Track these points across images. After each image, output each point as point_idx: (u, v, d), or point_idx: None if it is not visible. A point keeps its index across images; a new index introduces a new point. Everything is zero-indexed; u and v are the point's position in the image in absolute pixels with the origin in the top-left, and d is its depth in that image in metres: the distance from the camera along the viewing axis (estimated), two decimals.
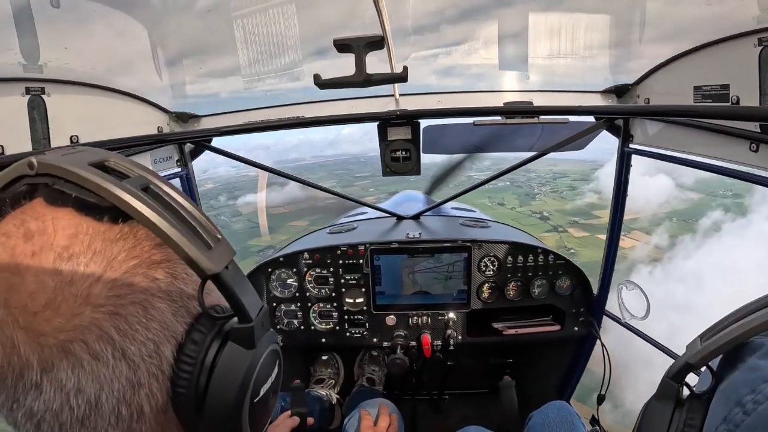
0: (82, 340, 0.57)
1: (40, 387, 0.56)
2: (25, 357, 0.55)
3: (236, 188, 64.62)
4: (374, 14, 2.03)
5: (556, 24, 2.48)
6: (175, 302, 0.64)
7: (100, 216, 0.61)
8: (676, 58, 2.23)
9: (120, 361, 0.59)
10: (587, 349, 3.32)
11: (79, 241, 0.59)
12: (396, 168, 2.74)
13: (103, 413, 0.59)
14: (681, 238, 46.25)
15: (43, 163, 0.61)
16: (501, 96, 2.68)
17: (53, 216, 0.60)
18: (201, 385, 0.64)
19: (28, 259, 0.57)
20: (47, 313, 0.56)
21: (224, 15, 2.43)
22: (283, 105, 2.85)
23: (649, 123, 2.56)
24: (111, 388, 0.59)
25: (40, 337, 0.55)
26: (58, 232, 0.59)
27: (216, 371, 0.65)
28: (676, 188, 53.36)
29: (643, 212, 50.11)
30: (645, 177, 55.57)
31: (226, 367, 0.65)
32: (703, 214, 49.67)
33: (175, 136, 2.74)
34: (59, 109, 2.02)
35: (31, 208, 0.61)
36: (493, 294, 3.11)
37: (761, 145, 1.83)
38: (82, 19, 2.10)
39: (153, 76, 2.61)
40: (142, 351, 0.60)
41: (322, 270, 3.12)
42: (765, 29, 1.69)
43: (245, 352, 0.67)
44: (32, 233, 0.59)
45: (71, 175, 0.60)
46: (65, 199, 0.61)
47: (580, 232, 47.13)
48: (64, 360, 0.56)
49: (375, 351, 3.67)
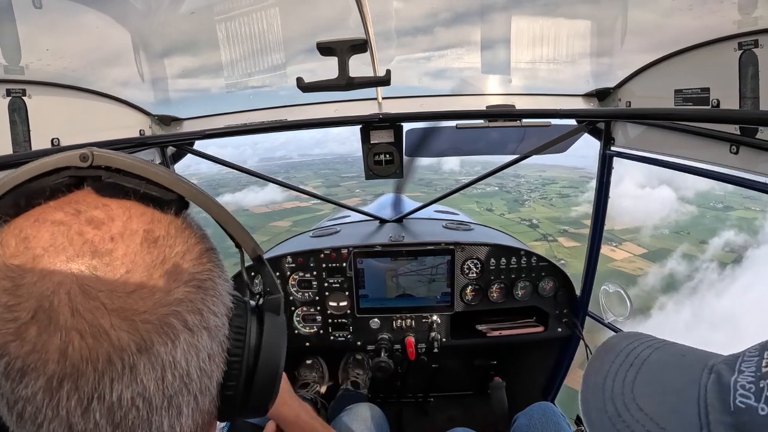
0: (179, 312, 0.60)
1: (135, 369, 0.56)
2: (118, 340, 0.55)
3: (220, 185, 64.36)
4: (358, 18, 2.04)
5: (539, 28, 2.50)
6: (225, 281, 0.72)
7: (164, 208, 0.66)
8: (657, 62, 2.25)
9: (204, 332, 0.63)
10: (571, 350, 3.34)
11: (157, 227, 0.63)
12: (379, 171, 2.75)
13: (192, 387, 0.62)
14: (676, 248, 46.81)
15: (102, 155, 0.63)
16: (484, 99, 2.69)
17: (119, 206, 0.62)
18: (252, 352, 0.73)
19: (110, 243, 0.58)
20: (144, 291, 0.57)
21: (207, 17, 2.41)
22: (267, 108, 2.84)
23: (631, 126, 2.59)
24: (198, 359, 0.62)
25: (137, 315, 0.56)
26: (134, 219, 0.62)
27: (264, 341, 0.75)
28: (659, 199, 53.95)
29: (635, 223, 50.54)
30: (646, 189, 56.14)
31: (269, 336, 0.76)
32: (699, 224, 50.28)
33: (157, 139, 2.71)
34: (40, 111, 2.00)
35: (81, 199, 0.62)
36: (476, 296, 3.12)
37: (741, 147, 1.86)
38: (65, 21, 2.08)
39: (135, 78, 2.59)
40: (217, 322, 0.66)
41: (305, 274, 3.11)
42: (745, 34, 1.71)
43: (278, 319, 0.79)
44: (101, 220, 0.60)
45: (137, 169, 0.64)
46: (125, 191, 0.64)
47: (570, 242, 47.40)
48: (162, 335, 0.58)
49: (359, 354, 3.67)
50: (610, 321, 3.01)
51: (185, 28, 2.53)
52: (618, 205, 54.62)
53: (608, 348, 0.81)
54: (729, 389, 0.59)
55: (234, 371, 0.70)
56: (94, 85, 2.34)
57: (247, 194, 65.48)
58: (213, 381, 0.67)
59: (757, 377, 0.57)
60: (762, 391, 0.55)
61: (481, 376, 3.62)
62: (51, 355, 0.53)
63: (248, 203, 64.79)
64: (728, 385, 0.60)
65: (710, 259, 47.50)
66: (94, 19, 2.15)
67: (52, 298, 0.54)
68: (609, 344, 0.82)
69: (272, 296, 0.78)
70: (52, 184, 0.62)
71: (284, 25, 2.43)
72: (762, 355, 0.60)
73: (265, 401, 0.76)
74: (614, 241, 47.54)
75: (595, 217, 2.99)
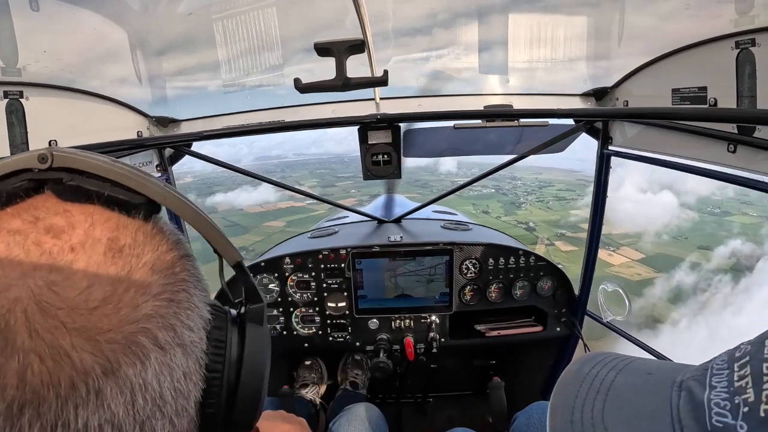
0: (149, 329, 0.54)
1: (101, 393, 0.50)
2: (81, 362, 0.49)
3: (215, 184, 64.21)
4: (355, 18, 2.04)
5: (536, 28, 2.50)
6: (202, 291, 0.66)
7: (131, 212, 0.61)
8: (654, 62, 2.26)
9: (177, 349, 0.58)
10: (570, 349, 3.34)
11: (123, 234, 0.58)
12: (377, 171, 2.75)
13: (166, 410, 0.56)
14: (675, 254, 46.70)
15: (63, 156, 0.58)
16: (481, 99, 2.69)
17: (81, 211, 0.57)
18: (233, 366, 0.68)
19: (70, 254, 0.53)
20: (108, 307, 0.52)
21: (205, 18, 2.42)
22: (264, 109, 2.84)
23: (628, 125, 2.59)
24: (172, 379, 0.57)
25: (101, 335, 0.50)
26: (97, 226, 0.56)
27: (246, 354, 0.70)
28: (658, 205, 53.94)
29: (635, 229, 50.41)
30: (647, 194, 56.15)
31: (251, 348, 0.71)
32: (697, 229, 50.20)
33: (154, 141, 2.71)
34: (38, 113, 1.99)
35: (41, 205, 0.57)
36: (475, 296, 3.12)
37: (739, 146, 1.86)
38: (62, 23, 2.08)
39: (133, 80, 2.59)
40: (192, 337, 0.61)
41: (303, 274, 3.10)
42: (742, 33, 1.72)
43: (260, 329, 0.74)
44: (61, 228, 0.54)
45: (100, 170, 0.59)
46: (88, 195, 0.59)
47: (567, 246, 47.15)
48: (131, 355, 0.52)
49: (358, 355, 3.67)
50: (608, 320, 3.02)
51: (183, 30, 2.52)
52: (617, 210, 54.52)
53: (571, 376, 0.77)
54: (703, 408, 0.57)
55: (214, 388, 0.65)
56: (91, 86, 2.34)
57: (241, 194, 65.36)
58: (190, 401, 0.61)
59: (731, 393, 0.55)
60: (738, 407, 0.53)
61: (480, 376, 3.62)
62: (9, 380, 0.48)
63: (242, 203, 64.62)
64: (702, 404, 0.57)
65: (713, 267, 47.38)
66: (92, 21, 2.16)
67: (7, 317, 0.49)
68: (571, 372, 0.78)
69: (254, 305, 0.74)
70: (9, 189, 0.57)
71: (281, 25, 2.43)
72: (732, 368, 0.58)
73: (250, 417, 0.71)
74: (612, 246, 47.45)
75: (593, 216, 2.99)
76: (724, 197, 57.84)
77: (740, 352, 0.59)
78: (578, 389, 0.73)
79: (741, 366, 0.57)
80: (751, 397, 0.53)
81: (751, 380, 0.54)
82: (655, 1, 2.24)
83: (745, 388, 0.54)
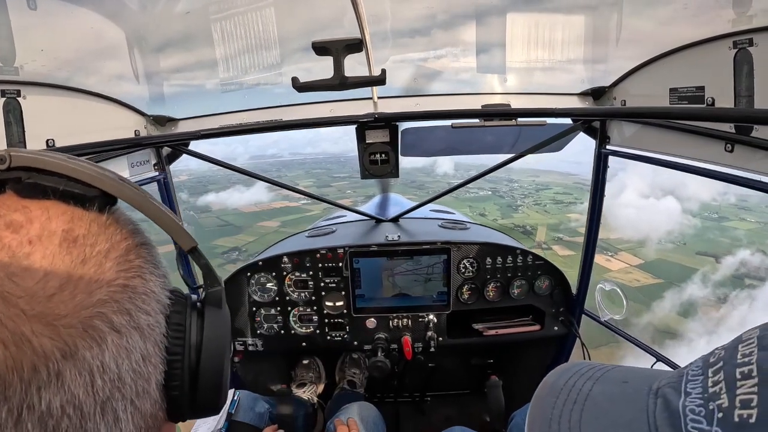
0: (104, 313, 0.57)
1: (61, 376, 0.53)
2: (41, 347, 0.52)
3: (210, 182, 63.97)
4: (353, 18, 2.04)
5: (534, 28, 2.51)
6: (160, 277, 0.68)
7: (86, 205, 0.63)
8: (652, 61, 2.26)
9: (134, 332, 0.60)
10: (567, 348, 3.35)
11: (78, 226, 0.61)
12: (374, 171, 2.76)
13: (126, 391, 0.59)
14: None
15: (20, 156, 0.61)
16: (479, 99, 2.69)
17: (38, 207, 0.60)
18: (194, 349, 0.71)
19: (27, 247, 0.56)
20: (65, 294, 0.55)
21: (203, 17, 2.41)
22: (262, 108, 2.84)
23: (626, 125, 2.60)
24: (130, 361, 0.59)
25: (58, 320, 0.53)
26: (53, 219, 0.59)
27: (205, 337, 0.72)
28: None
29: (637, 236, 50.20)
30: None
31: (211, 331, 0.73)
32: (695, 235, 50.05)
33: (152, 140, 2.71)
34: (35, 111, 1.99)
35: (1, 203, 0.60)
36: (473, 295, 3.12)
37: (736, 146, 1.87)
38: (59, 22, 2.07)
39: (131, 79, 2.59)
40: (149, 320, 0.63)
41: (301, 274, 3.10)
42: (740, 32, 1.73)
43: (220, 312, 0.75)
44: (19, 223, 0.58)
45: (55, 167, 0.62)
46: (45, 191, 0.62)
47: (565, 251, 46.90)
48: (87, 338, 0.55)
49: (356, 354, 3.67)
50: (606, 319, 3.02)
51: (181, 28, 2.52)
52: (618, 216, 54.38)
53: (548, 388, 0.78)
54: (679, 415, 0.57)
55: (176, 371, 0.68)
56: (89, 85, 2.33)
57: (235, 193, 65.12)
58: (151, 383, 0.64)
59: (706, 399, 0.56)
60: (713, 413, 0.54)
61: (478, 375, 3.62)
62: None
63: (236, 202, 64.41)
64: (677, 410, 0.58)
65: (718, 277, 47.20)
66: (90, 20, 2.15)
67: None
68: (547, 384, 0.79)
69: (212, 289, 0.76)
70: None
71: (280, 24, 2.43)
72: (706, 374, 0.59)
73: (215, 399, 0.74)
74: (609, 251, 47.34)
75: (590, 215, 3.00)
76: (721, 202, 57.76)
77: (714, 358, 0.60)
78: (555, 401, 0.73)
79: (715, 372, 0.58)
80: (725, 403, 0.53)
81: (724, 386, 0.55)
82: (653, 2, 2.25)
83: (719, 394, 0.55)
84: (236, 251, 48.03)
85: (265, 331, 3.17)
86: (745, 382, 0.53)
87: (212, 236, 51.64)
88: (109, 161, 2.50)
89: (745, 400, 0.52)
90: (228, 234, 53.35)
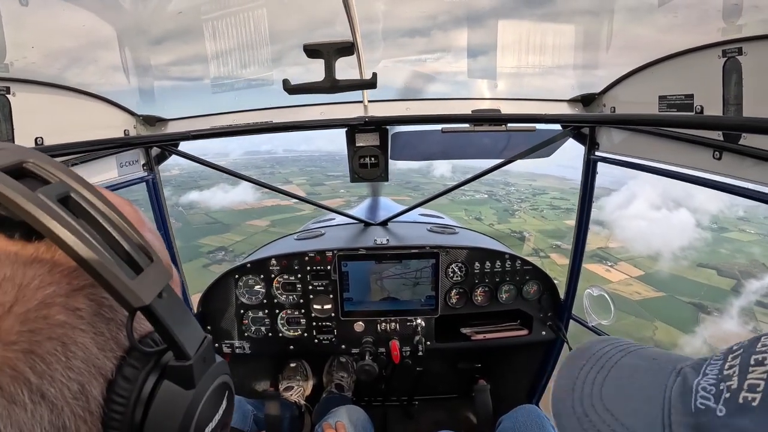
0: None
1: None
2: None
3: (201, 177, 63.38)
4: (345, 20, 2.04)
5: (525, 34, 2.52)
6: (101, 335, 0.52)
7: (11, 232, 0.50)
8: (642, 68, 2.28)
9: (39, 405, 0.46)
10: (555, 353, 3.35)
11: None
12: (364, 174, 2.75)
13: None
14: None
15: None
16: (469, 104, 2.70)
17: None
18: (135, 426, 0.53)
19: None
20: None
21: (194, 18, 2.41)
22: (252, 110, 2.84)
23: (615, 131, 2.61)
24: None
25: None
26: None
27: (151, 413, 0.54)
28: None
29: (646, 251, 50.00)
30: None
31: (162, 410, 0.54)
32: (695, 247, 49.95)
33: (141, 140, 2.70)
34: (24, 109, 1.98)
35: None
36: (461, 299, 3.12)
37: (724, 153, 1.89)
38: (50, 19, 2.06)
39: (121, 78, 2.58)
40: (64, 392, 0.48)
41: (289, 276, 3.09)
42: (729, 41, 1.74)
43: (183, 393, 0.56)
44: None
45: None
46: None
47: (563, 260, 46.18)
48: None
49: (343, 357, 3.66)
50: (593, 325, 3.03)
51: (172, 28, 2.52)
52: (625, 227, 54.34)
53: (581, 351, 0.83)
54: (691, 391, 0.61)
55: None
56: (79, 83, 2.32)
57: (225, 188, 64.32)
58: None
59: (719, 380, 0.59)
60: (721, 393, 0.57)
61: (466, 379, 3.62)
62: None
63: (226, 199, 63.63)
64: (691, 387, 0.62)
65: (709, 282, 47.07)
66: (81, 18, 2.14)
67: None
68: (583, 348, 0.84)
69: (178, 362, 0.56)
70: None
71: (271, 26, 2.43)
72: (726, 359, 0.62)
73: None
74: (609, 261, 47.07)
75: (579, 220, 3.01)
76: (719, 213, 57.65)
77: (737, 347, 0.64)
78: (585, 362, 0.79)
79: (733, 357, 0.62)
80: (734, 385, 0.57)
81: (738, 370, 0.59)
82: (644, 10, 2.26)
83: (731, 376, 0.58)
84: (222, 251, 46.94)
85: (252, 334, 3.15)
86: (756, 369, 0.57)
87: (199, 234, 51.05)
88: (98, 161, 2.49)
89: (752, 384, 0.56)
90: (215, 232, 52.52)
